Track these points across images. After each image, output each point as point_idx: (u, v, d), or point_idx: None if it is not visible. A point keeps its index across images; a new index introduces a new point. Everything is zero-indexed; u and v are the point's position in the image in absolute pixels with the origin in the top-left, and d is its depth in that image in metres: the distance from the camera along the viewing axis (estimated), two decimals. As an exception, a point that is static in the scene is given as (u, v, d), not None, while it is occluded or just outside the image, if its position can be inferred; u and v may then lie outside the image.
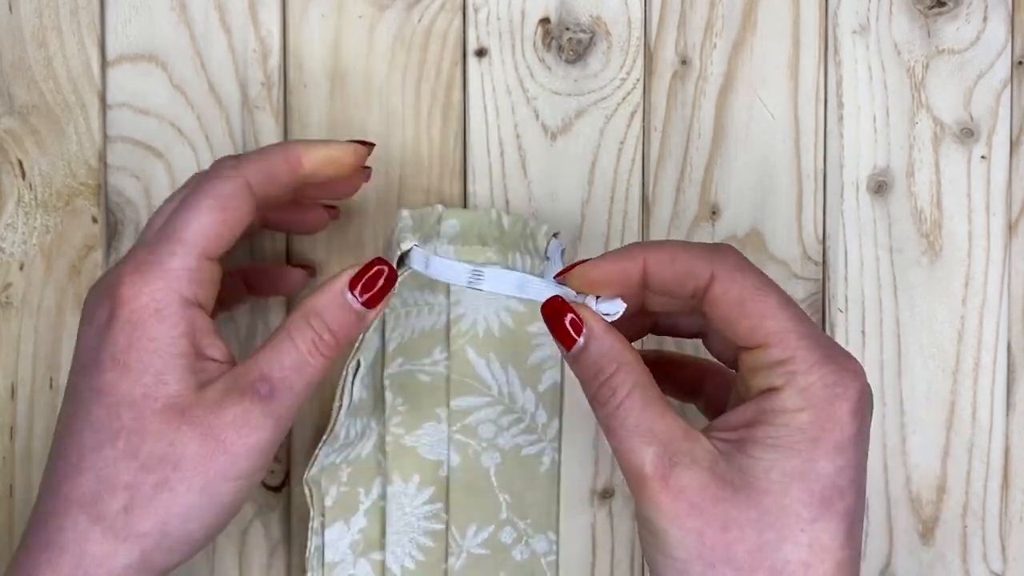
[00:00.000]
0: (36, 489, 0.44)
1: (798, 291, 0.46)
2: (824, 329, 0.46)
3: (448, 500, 0.43)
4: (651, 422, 0.34)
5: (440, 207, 0.42)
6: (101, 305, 0.36)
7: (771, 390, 0.33)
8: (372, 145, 0.40)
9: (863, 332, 0.46)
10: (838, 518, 0.33)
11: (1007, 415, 0.46)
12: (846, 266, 0.46)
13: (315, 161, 0.38)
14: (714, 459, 0.33)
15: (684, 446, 0.33)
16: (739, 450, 0.33)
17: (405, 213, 0.40)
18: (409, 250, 0.38)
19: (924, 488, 0.46)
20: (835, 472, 0.33)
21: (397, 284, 0.37)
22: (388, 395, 0.43)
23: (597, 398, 0.35)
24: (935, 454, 0.46)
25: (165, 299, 0.35)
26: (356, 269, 0.36)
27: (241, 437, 0.35)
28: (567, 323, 0.35)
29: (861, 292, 0.46)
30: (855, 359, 0.34)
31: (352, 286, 0.36)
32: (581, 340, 0.35)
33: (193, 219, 0.36)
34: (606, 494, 0.46)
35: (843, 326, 0.46)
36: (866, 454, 0.34)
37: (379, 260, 0.37)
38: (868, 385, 0.34)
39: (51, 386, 0.44)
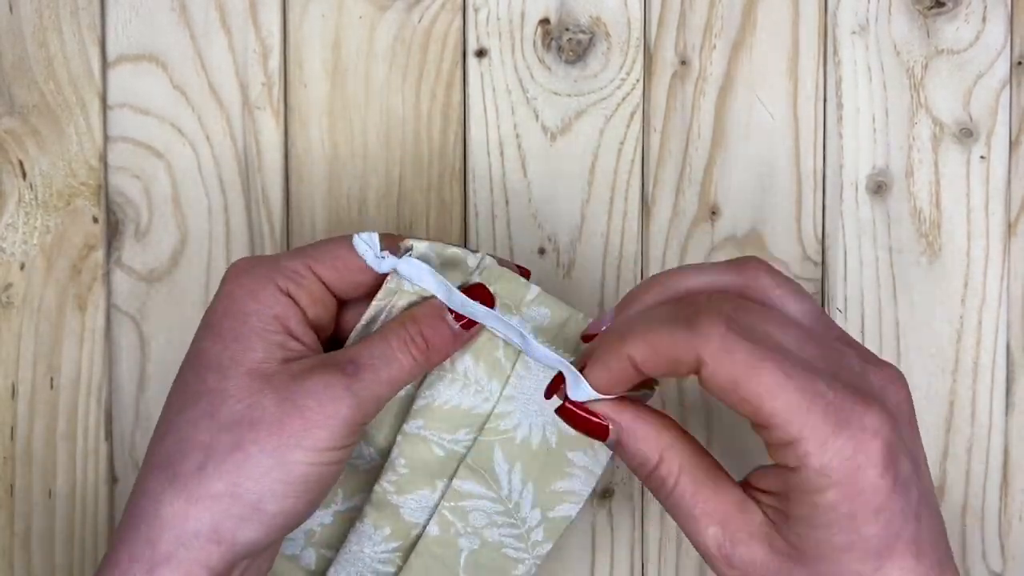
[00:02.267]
0: (36, 488, 0.45)
1: (798, 291, 0.46)
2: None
3: (409, 559, 0.40)
4: (705, 503, 0.34)
5: (535, 287, 0.40)
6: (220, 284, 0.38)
7: (791, 468, 0.32)
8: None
9: (863, 332, 0.46)
10: (902, 554, 0.32)
11: (1006, 415, 0.46)
12: (845, 266, 0.46)
13: None
14: (769, 532, 0.33)
15: (741, 523, 0.34)
16: (785, 524, 0.33)
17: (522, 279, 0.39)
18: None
19: (923, 488, 0.46)
20: (883, 529, 0.32)
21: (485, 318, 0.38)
22: (395, 450, 0.40)
23: (649, 486, 0.35)
24: (934, 454, 0.46)
25: (263, 284, 0.37)
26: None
27: (320, 404, 0.35)
28: (589, 427, 0.36)
29: (860, 292, 0.46)
30: (873, 406, 0.32)
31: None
32: (612, 436, 0.35)
33: (323, 242, 0.38)
34: (606, 494, 0.46)
35: (842, 326, 0.46)
36: (916, 473, 0.33)
37: (480, 287, 0.38)
38: (892, 430, 0.32)
39: (51, 386, 0.44)
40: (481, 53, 0.46)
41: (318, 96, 0.45)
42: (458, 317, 0.38)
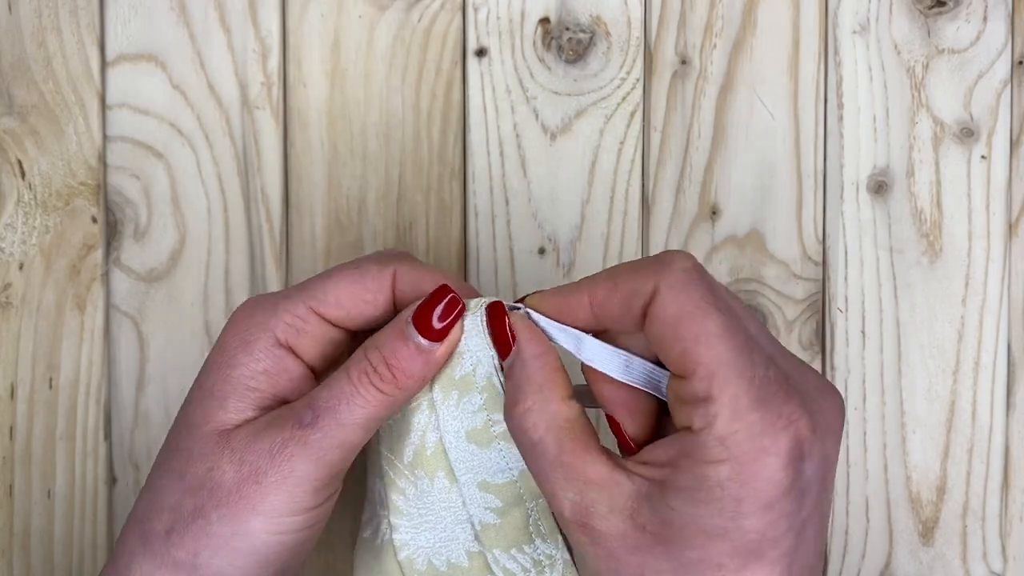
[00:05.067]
0: (35, 489, 0.45)
1: (798, 291, 0.46)
2: (824, 329, 0.46)
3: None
4: (566, 468, 0.31)
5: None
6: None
7: (691, 430, 0.30)
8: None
9: (863, 332, 0.46)
10: (770, 565, 0.30)
11: (1007, 415, 0.46)
12: (846, 266, 0.46)
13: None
14: (636, 505, 0.31)
15: (603, 495, 0.31)
16: (660, 495, 0.30)
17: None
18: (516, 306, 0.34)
19: (924, 488, 0.46)
20: (765, 527, 0.30)
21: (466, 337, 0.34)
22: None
23: (513, 434, 0.33)
24: (935, 454, 0.46)
25: (258, 335, 0.34)
26: (421, 301, 0.34)
27: (274, 466, 0.33)
28: (507, 328, 0.33)
29: (861, 292, 0.46)
30: (795, 399, 0.30)
31: (415, 319, 0.34)
32: (512, 352, 0.33)
33: (326, 277, 0.35)
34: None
35: (843, 326, 0.46)
36: (818, 487, 0.31)
37: (444, 289, 0.34)
38: (809, 429, 0.30)
39: (51, 386, 0.44)
40: (481, 53, 0.45)
41: (318, 96, 0.45)
42: (425, 332, 0.34)
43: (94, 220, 0.45)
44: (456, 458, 0.35)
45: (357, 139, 0.45)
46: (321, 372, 0.36)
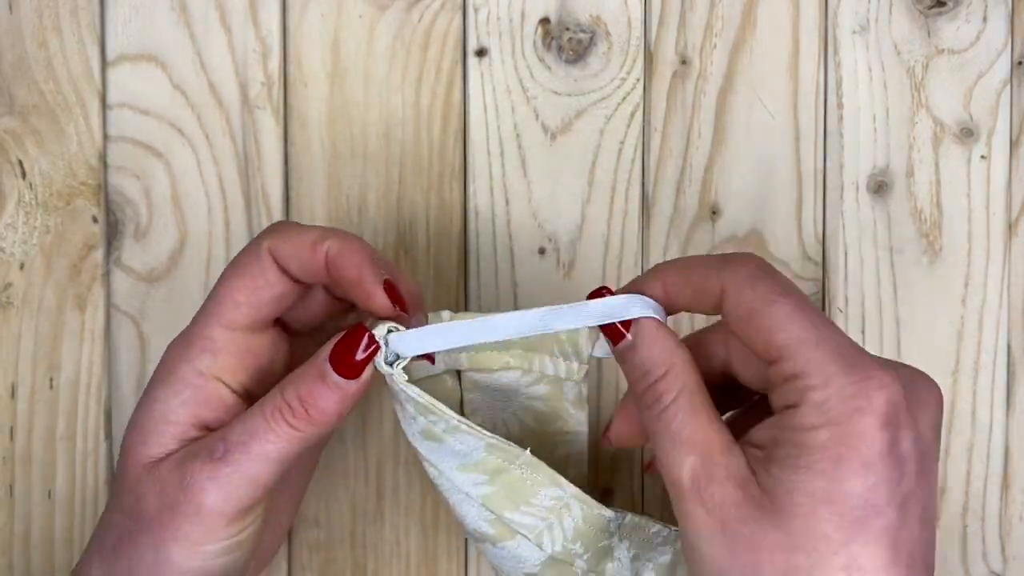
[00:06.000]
0: (36, 489, 0.45)
1: (798, 291, 0.46)
2: (824, 329, 0.46)
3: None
4: (693, 431, 0.32)
5: (447, 313, 0.38)
6: None
7: (788, 407, 0.31)
8: (399, 298, 0.35)
9: (863, 332, 0.46)
10: (876, 538, 0.30)
11: (1007, 415, 0.46)
12: (846, 266, 0.46)
13: (335, 267, 0.35)
14: (747, 477, 0.32)
15: (722, 460, 0.32)
16: (766, 469, 0.31)
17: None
18: (388, 333, 0.35)
19: (924, 488, 0.46)
20: (866, 490, 0.30)
21: (397, 368, 0.35)
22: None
23: (643, 400, 0.34)
24: (935, 454, 0.46)
25: (177, 365, 0.35)
26: (337, 338, 0.35)
27: (188, 497, 0.34)
28: (611, 326, 0.35)
29: (861, 292, 0.46)
30: (888, 370, 0.31)
31: (332, 357, 0.35)
32: (630, 337, 0.34)
33: (217, 289, 0.36)
34: (606, 494, 0.46)
35: (843, 326, 0.46)
36: (918, 466, 0.31)
37: (359, 328, 0.35)
38: (901, 395, 0.31)
39: (51, 386, 0.44)
40: (481, 52, 0.45)
41: (318, 96, 0.45)
42: (341, 370, 0.34)
43: (95, 220, 0.45)
44: (426, 453, 0.37)
45: (357, 139, 0.45)
46: (260, 383, 0.37)
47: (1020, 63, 0.46)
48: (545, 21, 0.46)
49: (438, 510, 0.45)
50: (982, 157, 0.46)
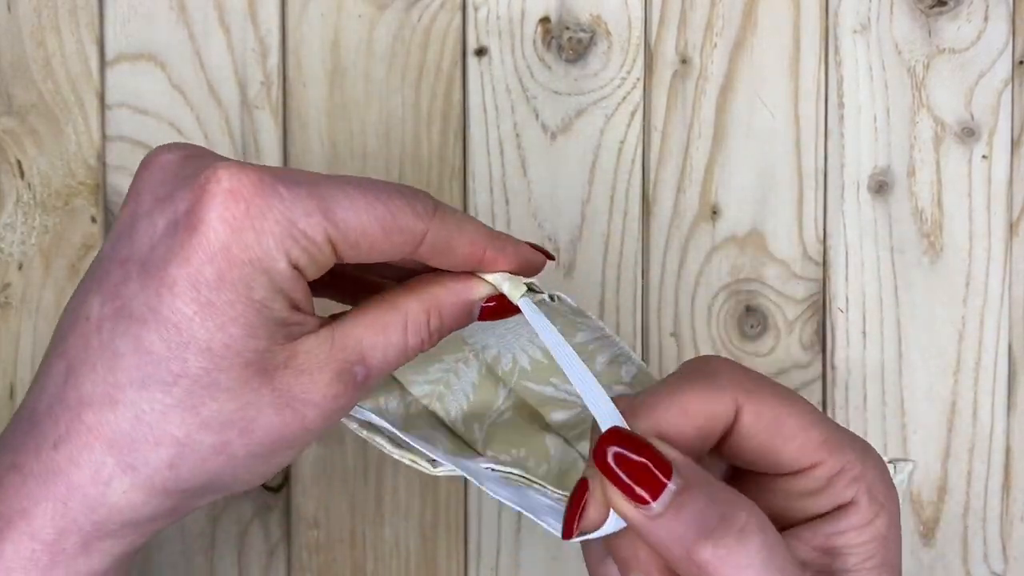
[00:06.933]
0: (35, 489, 0.44)
1: (798, 291, 0.46)
2: (824, 329, 0.46)
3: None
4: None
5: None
6: (184, 191, 0.29)
7: (844, 506, 0.30)
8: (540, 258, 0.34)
9: (864, 332, 0.46)
10: None
11: (1008, 415, 0.46)
12: (847, 266, 0.46)
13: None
14: None
15: None
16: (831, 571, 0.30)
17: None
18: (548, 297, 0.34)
19: (925, 488, 0.46)
20: (897, 546, 0.31)
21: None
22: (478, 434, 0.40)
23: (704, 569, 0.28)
24: (936, 454, 0.46)
25: (271, 252, 0.29)
26: (495, 290, 0.33)
27: (322, 416, 0.30)
28: (650, 468, 0.28)
29: (862, 292, 0.46)
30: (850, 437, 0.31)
31: (487, 301, 0.33)
32: (672, 485, 0.27)
33: (359, 201, 0.30)
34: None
35: (843, 326, 0.46)
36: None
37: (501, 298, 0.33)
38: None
39: (50, 386, 0.44)
40: (481, 52, 0.45)
41: (317, 96, 0.45)
42: (485, 311, 0.33)
43: (93, 220, 0.45)
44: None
45: (357, 139, 0.45)
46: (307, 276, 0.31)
47: (1021, 62, 0.46)
48: (545, 20, 0.46)
49: (438, 510, 0.45)
50: (983, 157, 0.46)
